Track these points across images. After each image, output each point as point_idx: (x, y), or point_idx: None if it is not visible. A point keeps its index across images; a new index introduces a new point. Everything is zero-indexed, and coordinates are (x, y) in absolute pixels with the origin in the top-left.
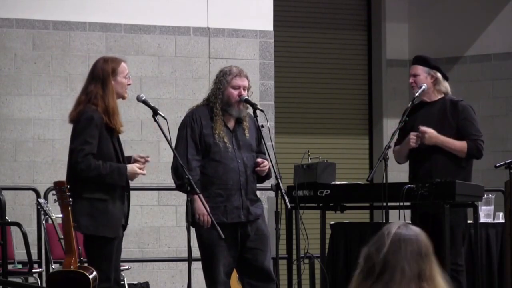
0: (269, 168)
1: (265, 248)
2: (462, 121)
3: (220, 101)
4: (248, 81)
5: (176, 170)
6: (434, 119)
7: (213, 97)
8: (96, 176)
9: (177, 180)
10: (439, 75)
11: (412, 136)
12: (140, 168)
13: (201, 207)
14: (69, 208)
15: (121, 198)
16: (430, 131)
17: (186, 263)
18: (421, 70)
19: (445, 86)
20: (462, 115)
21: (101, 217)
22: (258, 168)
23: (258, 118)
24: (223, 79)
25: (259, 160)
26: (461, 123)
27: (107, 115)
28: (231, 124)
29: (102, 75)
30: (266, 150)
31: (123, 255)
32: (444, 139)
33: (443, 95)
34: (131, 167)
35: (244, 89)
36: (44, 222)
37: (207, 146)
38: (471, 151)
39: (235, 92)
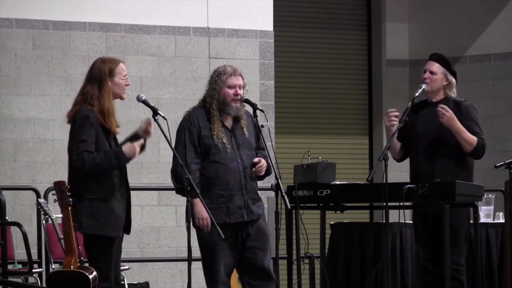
0: (269, 164)
1: (265, 248)
2: (466, 121)
3: (217, 102)
4: (243, 79)
5: (176, 174)
6: (437, 119)
7: (209, 98)
8: (93, 168)
9: (177, 184)
10: (454, 81)
11: (388, 118)
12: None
13: (201, 211)
14: (69, 208)
15: (121, 198)
16: (451, 113)
17: (186, 263)
18: (439, 70)
19: (454, 91)
20: (465, 115)
21: (102, 217)
22: (254, 169)
23: (258, 118)
24: (218, 79)
25: (255, 160)
26: (466, 123)
27: (102, 116)
28: (229, 123)
29: (99, 76)
30: (265, 147)
31: (123, 255)
32: (460, 126)
33: (446, 96)
34: (127, 145)
35: (239, 88)
36: (44, 222)
37: (206, 147)
38: (478, 148)
39: (231, 92)
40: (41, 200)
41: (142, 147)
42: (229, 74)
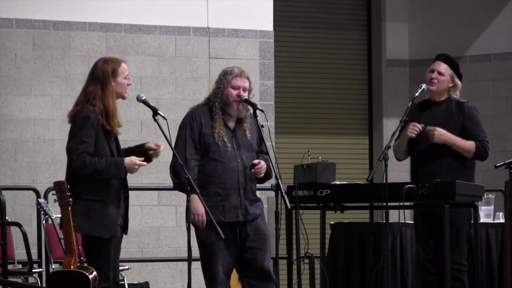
0: (270, 169)
1: (264, 248)
2: (468, 122)
3: (219, 100)
4: (250, 83)
5: (174, 169)
6: (439, 119)
7: (213, 96)
8: (92, 173)
9: (175, 179)
10: (459, 83)
11: (412, 126)
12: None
13: (197, 207)
14: (69, 208)
15: (118, 199)
16: (439, 129)
17: (186, 263)
18: (447, 71)
19: (457, 94)
20: (467, 116)
21: (96, 218)
22: (253, 170)
23: (258, 118)
24: (223, 78)
25: (255, 161)
26: (467, 124)
27: (105, 117)
28: (231, 123)
29: (102, 76)
30: (267, 151)
31: (123, 255)
32: (454, 138)
33: (449, 96)
34: (129, 159)
35: (244, 90)
36: (44, 222)
37: (206, 145)
38: (478, 152)
39: (234, 92)
40: (41, 200)
41: (148, 160)
42: (235, 75)
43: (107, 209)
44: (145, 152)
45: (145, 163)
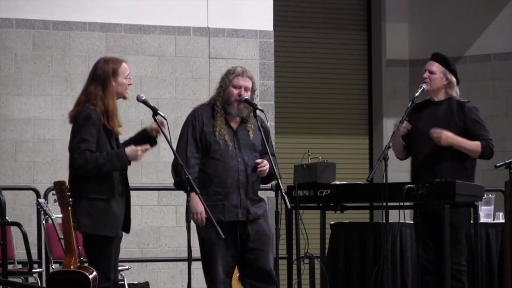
0: (273, 168)
1: (266, 249)
2: (470, 122)
3: (221, 99)
4: (253, 83)
5: (176, 167)
6: (440, 119)
7: (216, 95)
8: (95, 168)
9: (176, 177)
10: (454, 79)
11: (402, 127)
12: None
13: (196, 205)
14: (69, 208)
15: (121, 198)
16: (445, 132)
17: (186, 263)
18: (438, 69)
19: (456, 91)
20: (469, 116)
21: (101, 216)
22: (258, 170)
23: (258, 118)
24: (226, 77)
25: (258, 160)
26: (470, 125)
27: (106, 117)
28: (234, 123)
29: (102, 76)
30: (268, 152)
31: (123, 255)
32: (460, 140)
33: (449, 96)
34: (130, 148)
35: (246, 90)
36: (44, 222)
37: (207, 144)
38: (484, 151)
39: (235, 91)
40: (41, 200)
41: (153, 143)
42: (237, 74)
43: (111, 208)
44: (148, 137)
45: (148, 146)
